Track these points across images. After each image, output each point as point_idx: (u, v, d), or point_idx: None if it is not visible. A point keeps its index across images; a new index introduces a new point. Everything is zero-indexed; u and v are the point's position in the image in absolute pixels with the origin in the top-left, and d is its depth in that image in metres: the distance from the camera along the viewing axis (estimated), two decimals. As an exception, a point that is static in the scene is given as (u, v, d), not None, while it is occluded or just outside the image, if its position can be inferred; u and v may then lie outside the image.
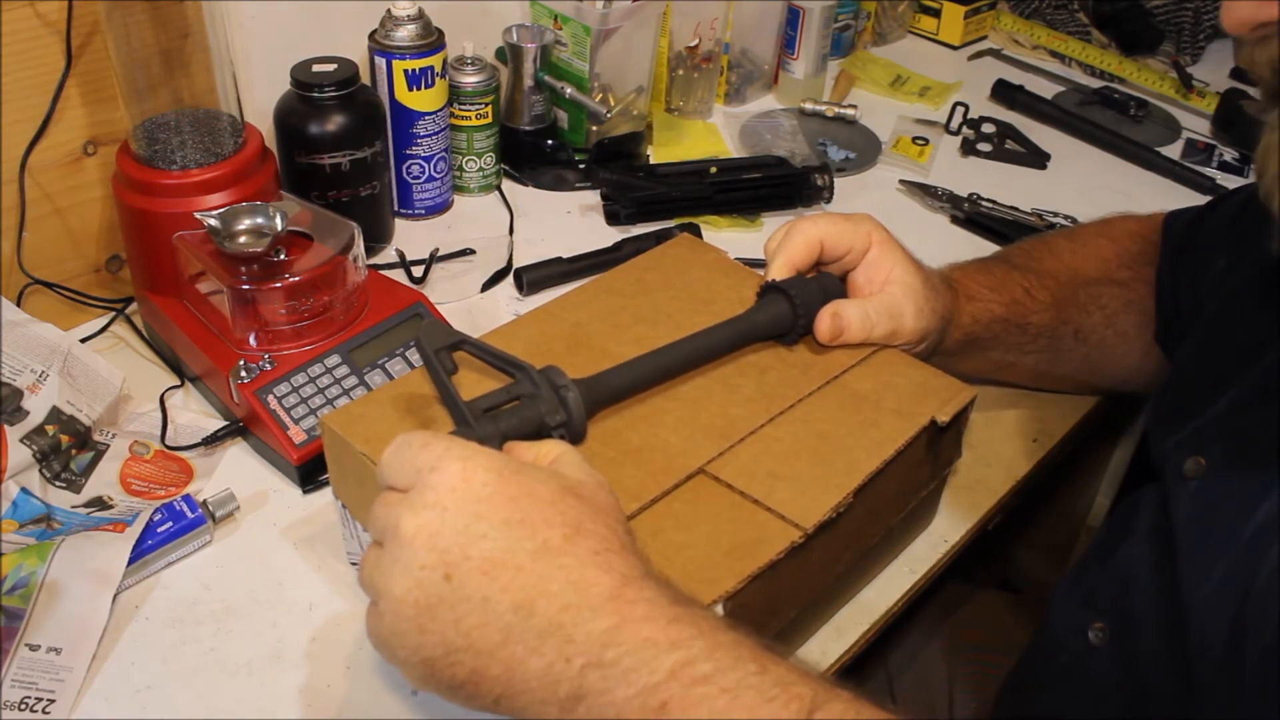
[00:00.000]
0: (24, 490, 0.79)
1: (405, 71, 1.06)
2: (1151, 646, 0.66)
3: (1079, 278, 0.87)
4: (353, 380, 0.85)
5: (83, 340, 0.94)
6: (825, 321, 0.75)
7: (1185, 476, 0.65)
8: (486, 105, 1.15)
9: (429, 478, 0.52)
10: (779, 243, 0.79)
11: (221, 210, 0.85)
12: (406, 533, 0.51)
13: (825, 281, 0.77)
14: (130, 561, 0.74)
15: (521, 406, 0.63)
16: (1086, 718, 0.71)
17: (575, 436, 0.64)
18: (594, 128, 1.23)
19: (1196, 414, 0.68)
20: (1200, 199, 1.23)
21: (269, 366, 0.84)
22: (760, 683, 0.49)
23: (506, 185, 1.22)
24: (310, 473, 0.83)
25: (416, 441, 0.54)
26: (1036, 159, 1.32)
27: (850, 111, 1.37)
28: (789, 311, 0.75)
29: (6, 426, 0.81)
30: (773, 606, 0.65)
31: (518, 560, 0.51)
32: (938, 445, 0.75)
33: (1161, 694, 0.65)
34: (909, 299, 0.77)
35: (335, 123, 1.00)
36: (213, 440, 0.86)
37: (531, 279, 1.05)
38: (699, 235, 1.11)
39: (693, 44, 1.30)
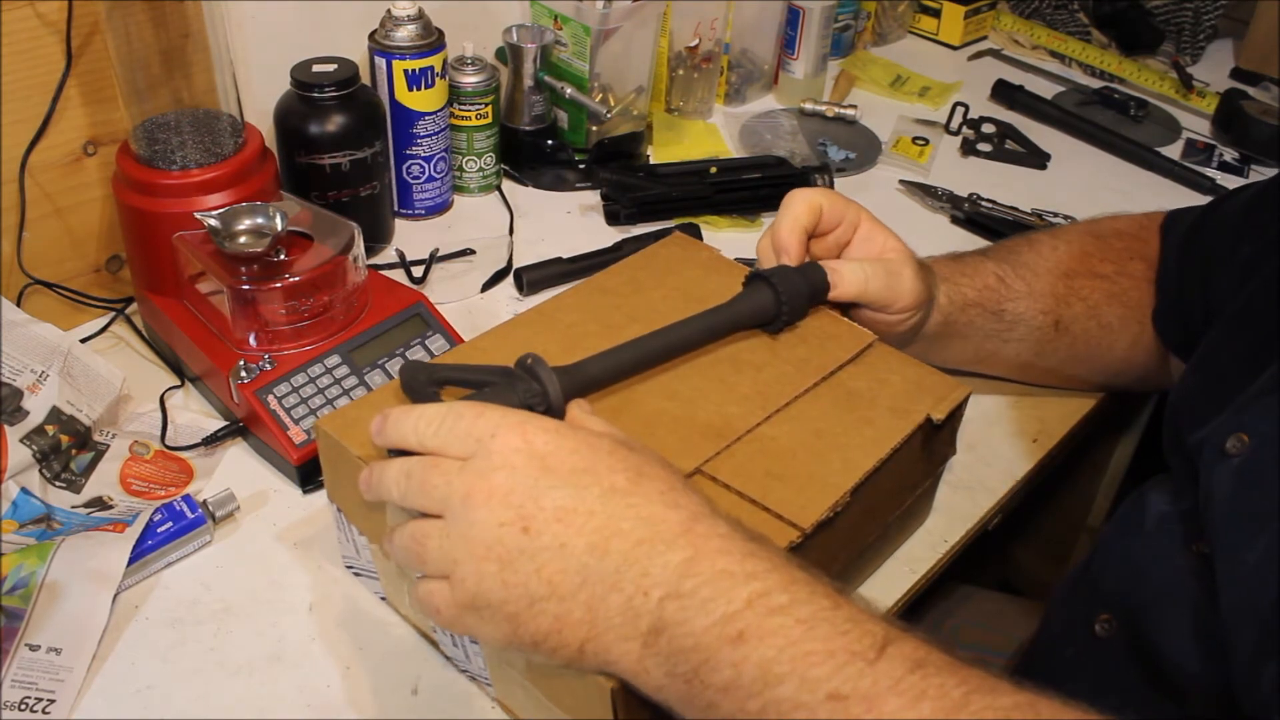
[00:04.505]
0: (24, 490, 0.79)
1: (405, 71, 1.06)
2: (1171, 632, 0.66)
3: (1058, 270, 0.88)
4: (353, 380, 0.85)
5: (83, 340, 0.94)
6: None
7: (1228, 454, 0.64)
8: (486, 105, 1.15)
9: (491, 444, 0.54)
10: (782, 212, 0.80)
11: (221, 210, 0.85)
12: (479, 496, 0.53)
13: (810, 271, 0.77)
14: (130, 561, 0.74)
15: (500, 392, 0.63)
16: (1101, 707, 0.71)
17: (554, 415, 0.63)
18: (594, 128, 1.24)
19: (1235, 395, 0.68)
20: (1200, 199, 1.23)
21: (269, 366, 0.84)
22: (834, 617, 0.50)
23: (506, 185, 1.22)
24: (310, 473, 0.83)
25: (470, 412, 0.56)
26: (1036, 159, 1.32)
27: (850, 111, 1.37)
28: (772, 300, 0.75)
29: (6, 426, 0.81)
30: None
31: (588, 505, 0.53)
32: (933, 443, 0.75)
33: (1187, 676, 0.65)
34: (906, 262, 0.79)
35: (335, 123, 1.01)
36: (213, 440, 0.86)
37: (531, 279, 1.05)
38: (699, 235, 1.11)
39: (693, 44, 1.30)
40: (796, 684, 0.48)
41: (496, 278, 1.07)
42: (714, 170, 1.18)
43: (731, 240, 1.14)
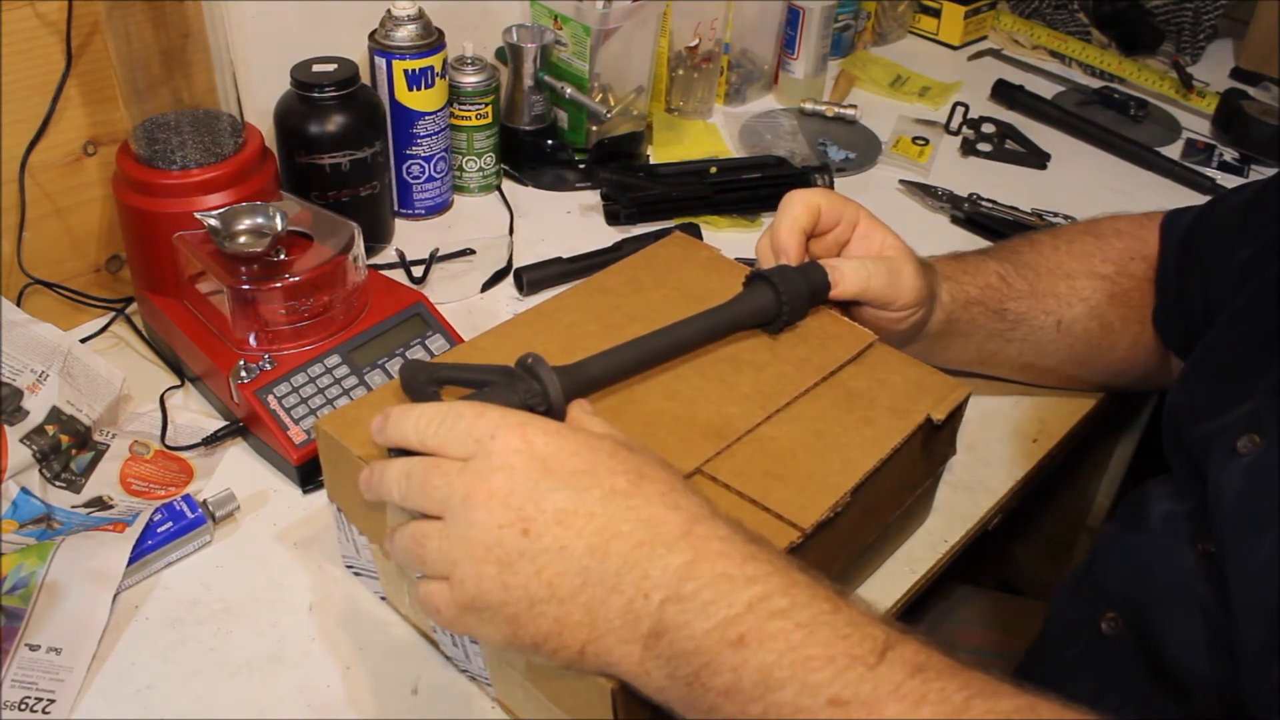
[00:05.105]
0: (24, 490, 0.79)
1: (405, 71, 1.06)
2: (1178, 630, 0.66)
3: (1059, 270, 0.88)
4: (353, 380, 0.85)
5: (83, 340, 0.94)
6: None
7: (1238, 453, 0.65)
8: (486, 105, 1.15)
9: (491, 445, 0.54)
10: (780, 214, 0.80)
11: (221, 210, 0.85)
12: (479, 497, 0.53)
13: (810, 271, 0.77)
14: (130, 561, 0.74)
15: (500, 392, 0.62)
16: (1102, 706, 0.71)
17: (554, 415, 0.63)
18: (594, 128, 1.24)
19: (1245, 395, 0.68)
20: (1200, 199, 1.22)
21: (269, 366, 0.84)
22: (834, 620, 0.50)
23: (506, 185, 1.22)
24: (310, 473, 0.83)
25: (470, 412, 0.56)
26: (1036, 159, 1.32)
27: (850, 111, 1.37)
28: (773, 300, 0.75)
29: (6, 426, 0.81)
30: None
31: (589, 507, 0.53)
32: (933, 443, 0.75)
33: (1193, 675, 0.65)
34: (908, 260, 0.79)
35: (335, 123, 1.01)
36: (213, 440, 0.86)
37: (531, 279, 1.05)
38: (699, 235, 1.11)
39: (693, 44, 1.30)
40: (797, 689, 0.48)
41: (496, 278, 1.07)
42: (714, 170, 1.18)
43: (731, 240, 1.14)
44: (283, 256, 0.85)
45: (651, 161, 1.24)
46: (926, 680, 0.48)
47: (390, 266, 1.05)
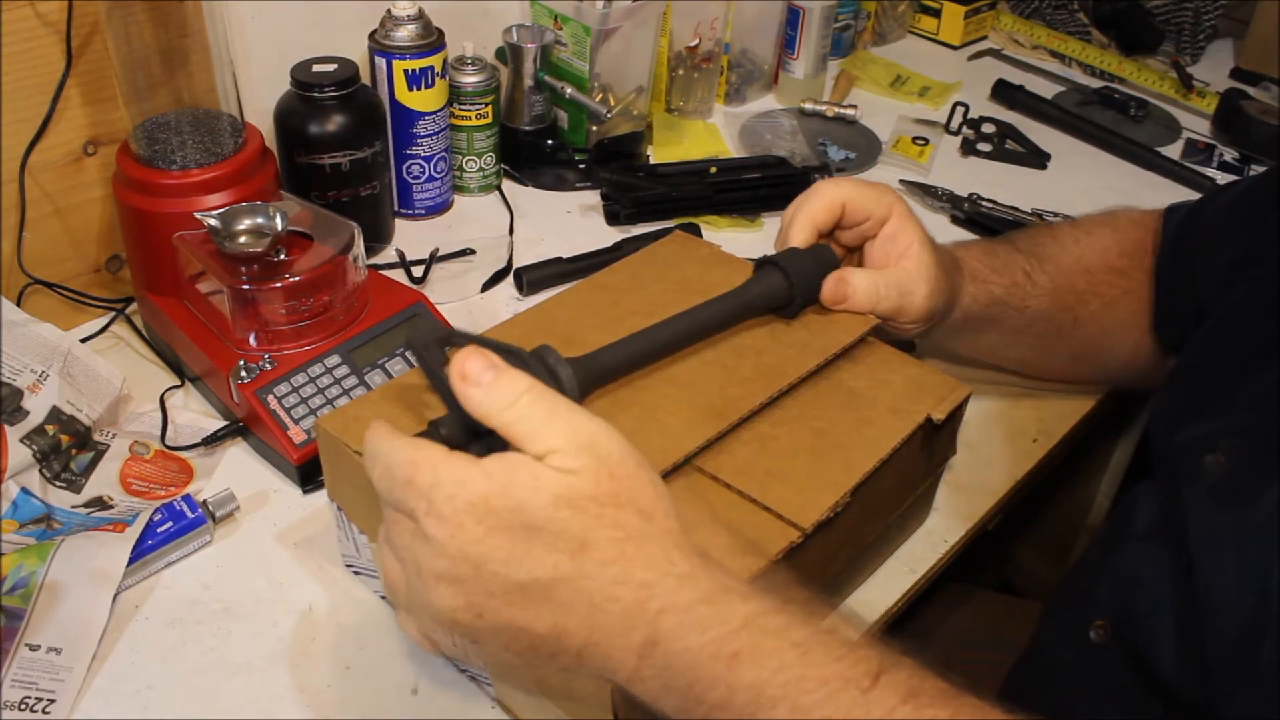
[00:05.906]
0: (24, 490, 0.79)
1: (405, 71, 1.06)
2: (1162, 642, 0.66)
3: (1080, 265, 0.87)
4: (353, 380, 0.85)
5: (83, 340, 0.94)
6: (830, 285, 0.76)
7: (1204, 472, 0.65)
8: (486, 105, 1.15)
9: (436, 503, 0.51)
10: (799, 204, 0.78)
11: (221, 210, 0.85)
12: (429, 575, 0.51)
13: (819, 253, 0.76)
14: (130, 561, 0.74)
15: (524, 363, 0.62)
16: (1091, 715, 0.71)
17: None
18: (594, 128, 1.24)
19: (1216, 410, 0.67)
20: (1200, 199, 1.23)
21: (269, 366, 0.84)
22: (829, 641, 0.50)
23: (506, 185, 1.22)
24: (310, 473, 0.83)
25: (404, 471, 0.52)
26: (1036, 159, 1.32)
27: (850, 111, 1.37)
28: (784, 284, 0.74)
29: (6, 426, 0.81)
30: (771, 606, 0.65)
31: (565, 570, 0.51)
32: (933, 443, 0.75)
33: (1176, 687, 0.65)
34: (923, 278, 0.77)
35: (335, 123, 1.01)
36: (213, 440, 0.86)
37: (531, 279, 1.05)
38: (699, 235, 1.11)
39: (693, 44, 1.30)
40: (789, 709, 0.48)
41: (496, 278, 1.07)
42: (714, 170, 1.18)
43: (731, 240, 1.13)
44: (283, 256, 0.85)
45: (651, 161, 1.24)
46: (919, 706, 0.48)
47: (390, 266, 1.05)
